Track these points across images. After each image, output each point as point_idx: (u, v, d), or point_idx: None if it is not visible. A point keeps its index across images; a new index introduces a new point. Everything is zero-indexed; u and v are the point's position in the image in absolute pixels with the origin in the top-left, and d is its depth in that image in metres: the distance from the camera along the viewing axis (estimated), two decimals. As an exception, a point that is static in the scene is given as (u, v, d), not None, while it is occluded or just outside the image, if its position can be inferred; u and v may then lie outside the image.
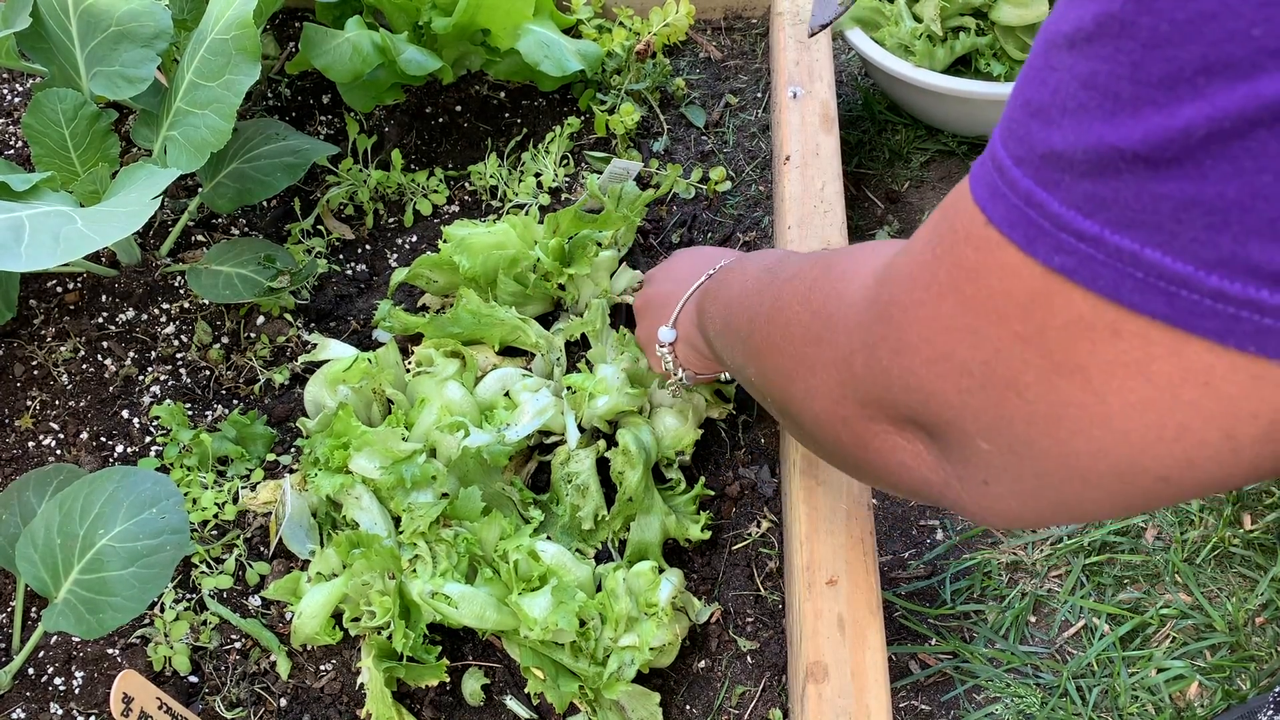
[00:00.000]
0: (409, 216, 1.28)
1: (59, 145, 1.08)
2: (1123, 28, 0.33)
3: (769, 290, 0.68)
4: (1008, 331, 0.40)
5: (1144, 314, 0.34)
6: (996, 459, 0.43)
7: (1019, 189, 0.38)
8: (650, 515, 0.99)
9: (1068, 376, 0.38)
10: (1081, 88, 0.35)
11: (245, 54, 1.05)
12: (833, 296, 0.55)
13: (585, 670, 0.90)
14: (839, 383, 0.52)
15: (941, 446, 0.47)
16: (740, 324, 0.74)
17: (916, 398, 0.46)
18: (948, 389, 0.44)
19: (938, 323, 0.43)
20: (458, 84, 1.39)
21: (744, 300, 0.74)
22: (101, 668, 0.97)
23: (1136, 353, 0.36)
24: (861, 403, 0.51)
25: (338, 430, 0.99)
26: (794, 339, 0.60)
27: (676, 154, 1.32)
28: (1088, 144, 0.34)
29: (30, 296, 1.21)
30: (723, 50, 1.44)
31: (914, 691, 1.14)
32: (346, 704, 0.95)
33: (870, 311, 0.49)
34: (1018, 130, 0.38)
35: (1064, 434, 0.40)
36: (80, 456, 1.09)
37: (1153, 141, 0.32)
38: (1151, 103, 0.33)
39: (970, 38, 1.43)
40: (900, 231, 1.50)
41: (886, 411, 0.49)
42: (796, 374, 0.59)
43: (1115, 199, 0.34)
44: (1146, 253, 0.34)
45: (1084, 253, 0.35)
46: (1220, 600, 1.18)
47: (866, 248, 0.59)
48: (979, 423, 0.43)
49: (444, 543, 0.94)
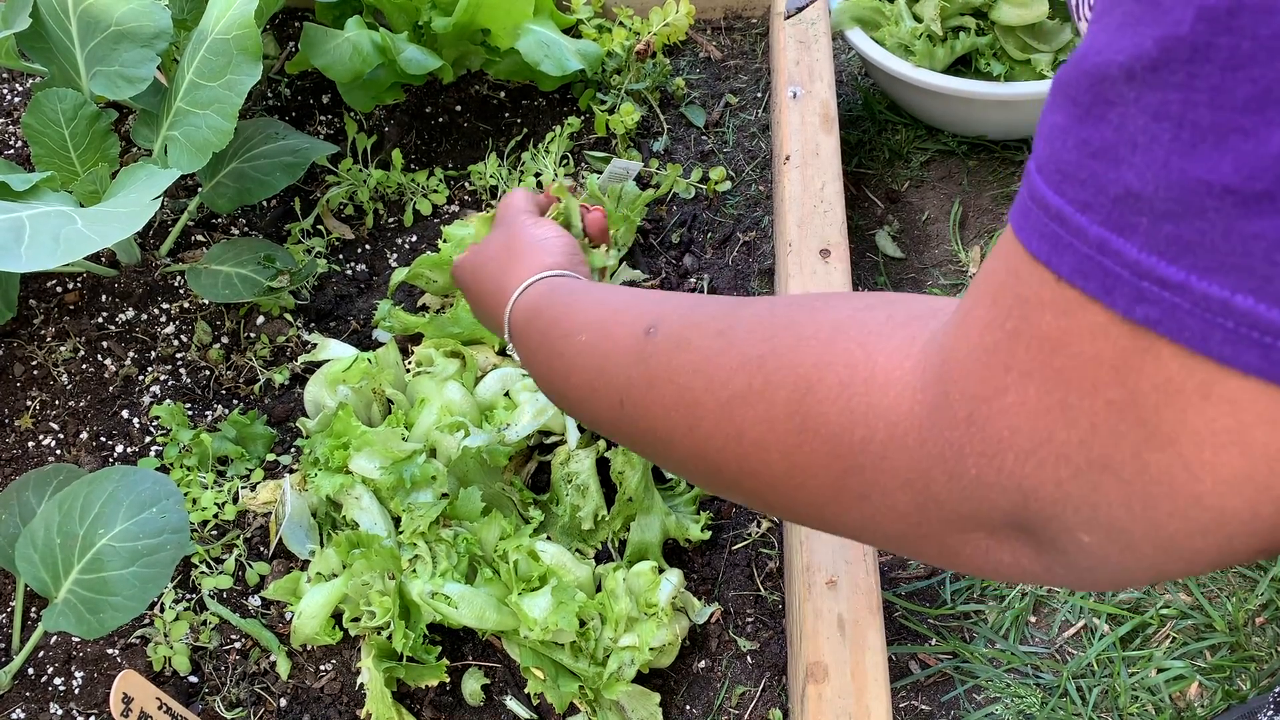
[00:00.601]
0: (409, 216, 1.28)
1: (59, 145, 1.08)
2: (1194, 51, 0.30)
3: (682, 395, 0.54)
4: (1101, 401, 0.35)
5: (1235, 368, 0.31)
6: (1098, 549, 0.39)
7: (1088, 237, 0.34)
8: (650, 515, 0.99)
9: (1159, 449, 0.34)
10: (1152, 120, 0.32)
11: (247, 54, 1.04)
12: (853, 416, 0.45)
13: (585, 670, 0.90)
14: (915, 507, 0.44)
15: (1041, 542, 0.42)
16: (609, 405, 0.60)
17: (1014, 499, 0.40)
18: (1045, 482, 0.38)
19: (1026, 408, 0.38)
20: (458, 84, 1.39)
21: (614, 370, 0.60)
22: (101, 668, 0.97)
23: (1228, 419, 0.32)
24: (947, 521, 0.44)
25: (338, 430, 0.99)
26: (801, 469, 0.48)
27: (676, 154, 1.32)
28: (1168, 181, 0.31)
29: (30, 296, 1.21)
30: (723, 50, 1.44)
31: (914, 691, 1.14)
32: (346, 704, 0.95)
33: (939, 419, 0.41)
34: (1077, 173, 0.34)
35: (1160, 516, 0.36)
36: (80, 456, 1.09)
37: (1243, 172, 0.29)
38: (1238, 130, 0.30)
39: (970, 38, 1.43)
40: (901, 232, 1.50)
41: (979, 523, 0.43)
42: (828, 505, 0.48)
43: (1201, 241, 0.31)
44: (1237, 299, 0.31)
45: (1169, 301, 0.32)
46: (1220, 600, 1.18)
47: (842, 343, 0.47)
48: (1079, 514, 0.38)
49: (444, 543, 0.94)
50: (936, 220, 1.50)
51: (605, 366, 0.61)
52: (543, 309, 0.73)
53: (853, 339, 0.46)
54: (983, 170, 1.55)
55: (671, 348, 0.56)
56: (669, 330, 0.57)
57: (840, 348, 0.46)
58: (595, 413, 0.63)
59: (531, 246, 0.82)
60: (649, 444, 0.58)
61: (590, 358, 0.63)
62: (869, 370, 0.44)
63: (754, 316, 0.53)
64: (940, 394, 0.41)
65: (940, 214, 1.51)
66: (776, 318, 0.51)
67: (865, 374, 0.44)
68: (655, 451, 0.58)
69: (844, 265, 1.11)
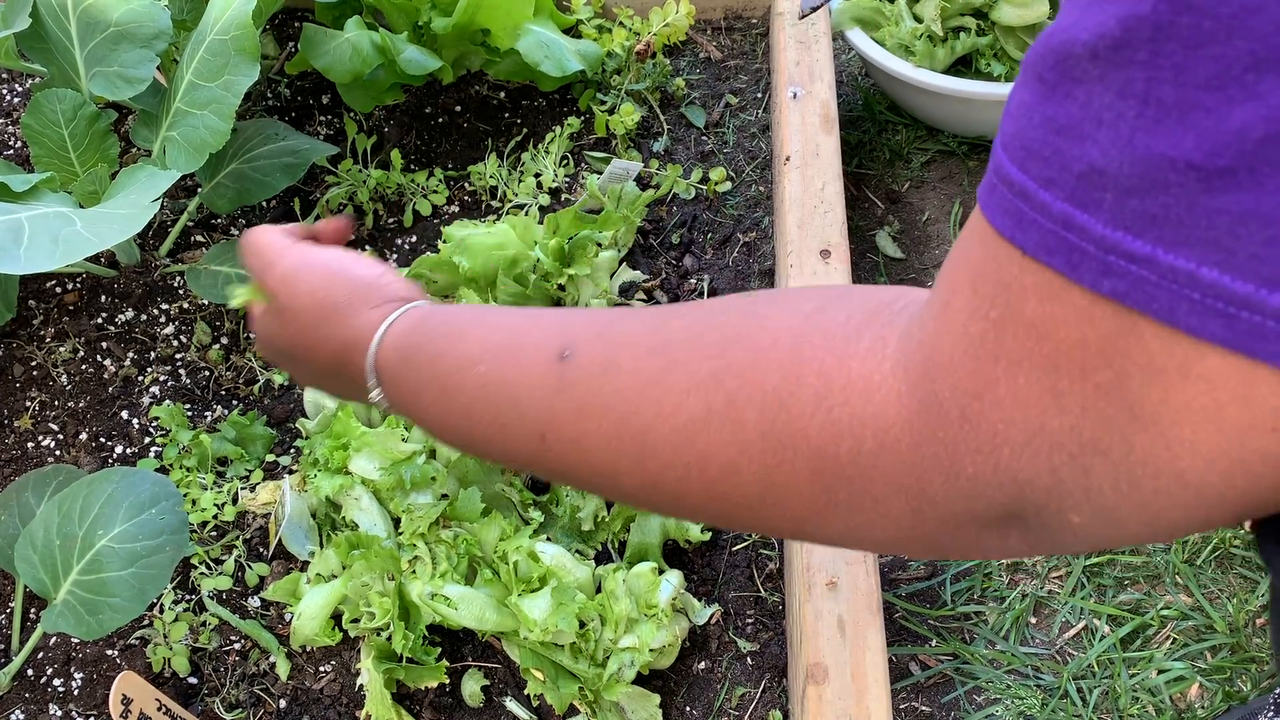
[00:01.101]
0: (409, 217, 1.28)
1: (58, 146, 1.08)
2: (1157, 30, 0.31)
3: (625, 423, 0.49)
4: (1090, 385, 0.36)
5: (1202, 338, 0.32)
6: (1087, 528, 0.39)
7: (1052, 213, 0.34)
8: (650, 516, 0.99)
9: (1144, 429, 0.35)
10: (1117, 98, 0.32)
11: (244, 54, 1.04)
12: (837, 429, 0.42)
13: (585, 671, 0.90)
14: (909, 511, 0.43)
15: (1030, 525, 0.41)
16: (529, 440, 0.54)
17: (1010, 492, 0.39)
18: (1040, 471, 0.38)
19: (1018, 398, 0.37)
20: (458, 84, 1.39)
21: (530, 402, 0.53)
22: (101, 669, 0.97)
23: (1205, 398, 0.33)
24: (941, 520, 0.43)
25: (337, 431, 0.99)
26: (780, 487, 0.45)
27: (676, 154, 1.32)
28: (1132, 157, 0.32)
29: (29, 297, 1.21)
30: (723, 50, 1.44)
31: (914, 693, 1.14)
32: (346, 705, 0.95)
33: (930, 420, 0.40)
34: (1041, 149, 0.35)
35: (1146, 495, 0.36)
36: (79, 457, 1.09)
37: (1205, 148, 0.30)
38: (1199, 107, 0.30)
39: (971, 38, 1.43)
40: (901, 232, 1.49)
41: (974, 518, 0.42)
42: (811, 519, 0.46)
43: (1166, 215, 0.32)
44: (1203, 272, 0.31)
45: (1135, 274, 0.33)
46: (1221, 601, 1.18)
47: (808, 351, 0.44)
48: (1071, 498, 0.38)
49: (444, 544, 0.94)
50: (937, 221, 1.50)
51: (516, 399, 0.54)
52: (420, 345, 0.62)
53: (819, 346, 0.44)
54: (983, 170, 1.55)
55: (598, 372, 0.51)
56: (589, 352, 0.52)
57: (808, 357, 0.44)
58: (510, 451, 0.56)
59: (364, 281, 0.68)
60: (585, 478, 0.53)
61: (496, 390, 0.56)
62: (845, 378, 0.42)
63: (689, 330, 0.49)
64: (928, 393, 0.40)
65: (940, 214, 1.51)
66: (719, 329, 0.48)
67: (842, 382, 0.42)
68: (595, 485, 0.53)
69: (844, 266, 1.10)
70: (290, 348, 0.70)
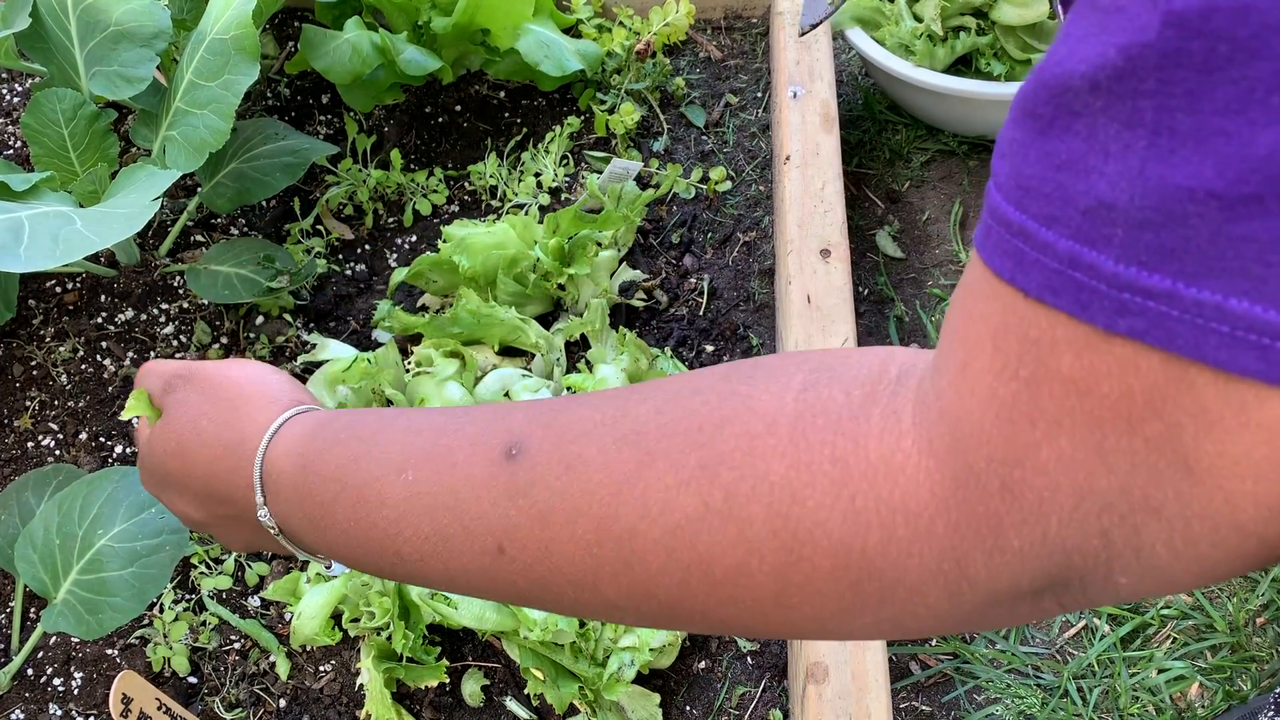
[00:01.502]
0: (409, 216, 1.28)
1: (58, 145, 1.08)
2: (1165, 57, 0.29)
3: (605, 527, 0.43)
4: (1139, 440, 0.33)
5: (1234, 372, 0.30)
6: (1133, 587, 0.37)
7: (1057, 252, 0.32)
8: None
9: (1199, 483, 0.33)
10: (1124, 128, 0.31)
11: (244, 54, 1.04)
12: (862, 519, 0.38)
13: (585, 671, 0.90)
14: (948, 596, 0.39)
15: (1071, 590, 0.38)
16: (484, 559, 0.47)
17: (1059, 561, 0.36)
18: (1091, 534, 0.35)
19: (1062, 462, 0.34)
20: (457, 84, 1.39)
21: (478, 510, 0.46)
22: (101, 668, 0.97)
23: (1265, 447, 0.31)
24: (981, 600, 0.39)
25: (337, 431, 0.99)
26: (799, 587, 0.41)
27: (676, 154, 1.32)
28: (1144, 189, 0.30)
29: (29, 296, 1.21)
30: (723, 50, 1.44)
31: (914, 692, 1.14)
32: (346, 705, 0.95)
33: (968, 495, 0.36)
34: (1040, 187, 0.33)
35: (1203, 550, 0.34)
36: (79, 457, 1.09)
37: (1228, 175, 0.29)
38: (1219, 133, 0.29)
39: (971, 37, 1.43)
40: (901, 232, 1.49)
41: (1016, 593, 0.39)
42: (835, 618, 0.42)
43: (1185, 247, 0.30)
44: (1231, 303, 0.29)
45: (1155, 311, 0.31)
46: (1221, 601, 1.18)
47: (815, 436, 0.40)
48: (1121, 559, 0.36)
49: (443, 543, 0.94)
50: (937, 220, 1.50)
51: (459, 508, 0.47)
52: (321, 451, 0.53)
53: (823, 429, 0.40)
54: (983, 170, 1.55)
55: (559, 470, 0.44)
56: (542, 448, 0.45)
57: (815, 442, 0.39)
58: (454, 570, 0.48)
59: (250, 386, 0.59)
60: (557, 592, 0.46)
61: (430, 500, 0.48)
62: (865, 462, 0.38)
63: (660, 415, 0.44)
64: (962, 467, 0.36)
65: (941, 214, 1.51)
66: (697, 415, 0.43)
67: (862, 467, 0.38)
68: (570, 598, 0.46)
69: (844, 265, 1.10)
70: (179, 461, 0.60)
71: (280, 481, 0.54)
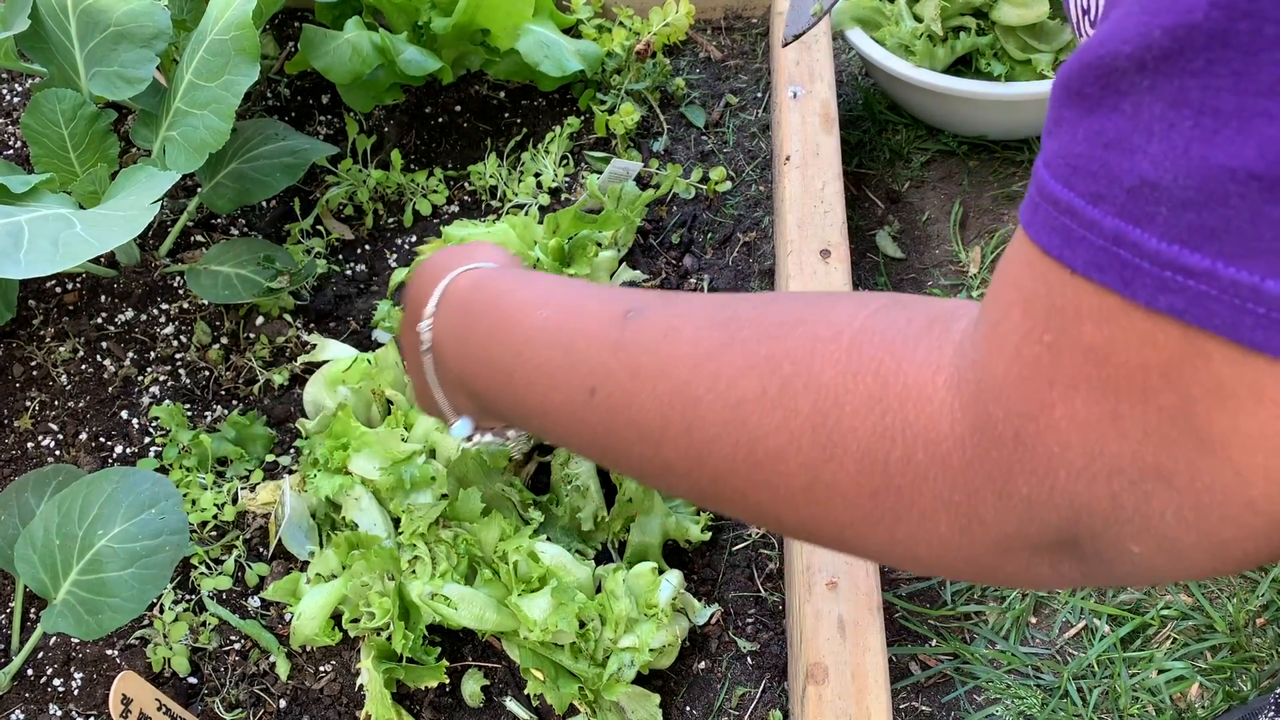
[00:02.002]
0: (409, 216, 1.28)
1: (58, 146, 1.08)
2: (1211, 38, 0.29)
3: (678, 391, 0.48)
4: (1153, 409, 0.34)
5: (1267, 353, 0.31)
6: (1147, 558, 0.38)
7: (1103, 229, 0.33)
8: (650, 516, 0.99)
9: (1211, 454, 0.33)
10: (1169, 108, 0.31)
11: (244, 54, 1.04)
12: (888, 435, 0.41)
13: (585, 671, 0.90)
14: (957, 530, 0.41)
15: (1086, 553, 0.40)
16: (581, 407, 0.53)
17: (1065, 516, 0.38)
18: (1099, 496, 0.37)
19: (1075, 422, 0.36)
20: (457, 84, 1.39)
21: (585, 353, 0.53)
22: (100, 669, 0.97)
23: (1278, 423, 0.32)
24: (991, 541, 0.41)
25: (337, 431, 0.99)
26: (826, 485, 0.44)
27: (676, 154, 1.32)
28: (1188, 169, 0.31)
29: (29, 297, 1.21)
30: (723, 50, 1.44)
31: (914, 692, 1.14)
32: (346, 705, 0.95)
33: (984, 440, 0.38)
34: (1087, 165, 0.34)
35: (1213, 523, 0.35)
36: (79, 457, 1.09)
37: (1269, 156, 0.29)
38: (1263, 114, 0.29)
39: (971, 38, 1.43)
40: (901, 232, 1.49)
41: (1025, 541, 0.40)
42: (854, 525, 0.44)
43: (1226, 227, 0.30)
44: (1268, 284, 0.30)
45: (1194, 290, 0.31)
46: (1221, 601, 1.18)
47: (868, 350, 0.43)
48: (1131, 526, 0.37)
49: (443, 544, 0.94)
50: (937, 220, 1.50)
51: (572, 347, 0.53)
52: (493, 279, 0.63)
53: (877, 346, 0.43)
54: (983, 171, 1.54)
55: (658, 335, 0.50)
56: (654, 316, 0.51)
57: (867, 356, 0.43)
58: (550, 401, 0.54)
59: (470, 249, 0.71)
60: (626, 442, 0.51)
61: (553, 336, 0.54)
62: (901, 384, 0.41)
63: (755, 310, 0.49)
64: (982, 414, 0.39)
65: (941, 214, 1.51)
66: (784, 314, 0.47)
67: (898, 388, 0.41)
68: (635, 452, 0.51)
69: (844, 265, 1.10)
70: (410, 299, 0.71)
71: (452, 299, 0.64)
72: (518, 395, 0.56)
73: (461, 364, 0.61)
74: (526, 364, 0.55)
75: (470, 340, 0.60)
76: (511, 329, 0.57)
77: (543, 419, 0.56)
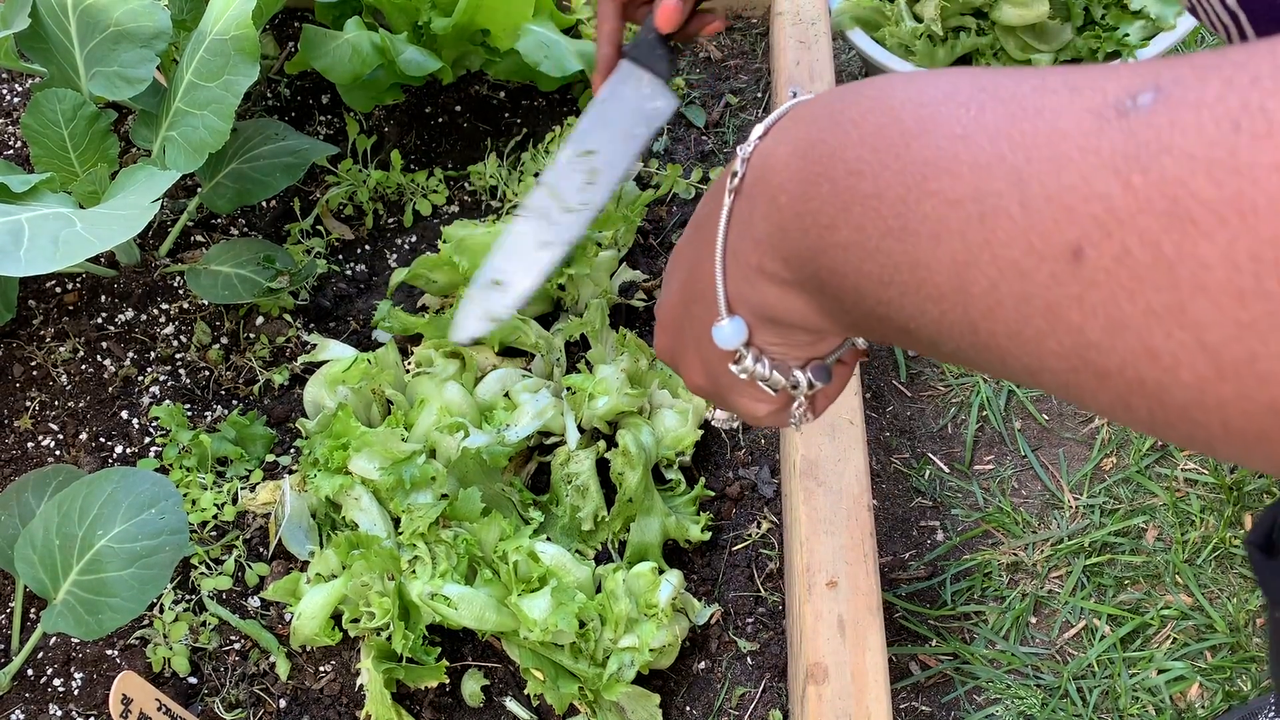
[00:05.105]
0: (409, 216, 1.28)
1: (58, 146, 1.08)
2: None
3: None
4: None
5: None
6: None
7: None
8: (650, 516, 0.99)
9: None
10: None
11: (244, 54, 1.04)
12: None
13: (585, 671, 0.90)
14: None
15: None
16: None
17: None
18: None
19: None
20: (457, 84, 1.39)
21: (1067, 186, 0.27)
22: (100, 669, 0.97)
23: None
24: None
25: (337, 431, 0.99)
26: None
27: (676, 154, 1.32)
28: None
29: (29, 297, 1.21)
30: (723, 50, 1.44)
31: (914, 692, 1.14)
32: (346, 705, 0.95)
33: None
34: None
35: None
36: (79, 457, 1.09)
37: None
38: None
39: (971, 38, 1.43)
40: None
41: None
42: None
43: None
44: None
45: None
46: (1221, 601, 1.18)
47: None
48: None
49: (444, 544, 0.94)
50: (937, 220, 1.50)
51: (1029, 172, 0.28)
52: (869, 81, 0.36)
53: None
54: (983, 170, 1.55)
55: (1228, 131, 0.25)
56: (1184, 96, 0.26)
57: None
58: (980, 268, 0.30)
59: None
60: (1150, 328, 0.26)
61: (998, 149, 0.30)
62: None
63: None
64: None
65: (940, 214, 1.51)
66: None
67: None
68: (1160, 348, 0.26)
69: (844, 266, 1.10)
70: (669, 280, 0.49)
71: (802, 112, 0.38)
72: (907, 256, 0.32)
73: (800, 204, 0.36)
74: (937, 199, 0.31)
75: (832, 159, 0.35)
76: (911, 140, 0.32)
77: (941, 304, 0.32)
